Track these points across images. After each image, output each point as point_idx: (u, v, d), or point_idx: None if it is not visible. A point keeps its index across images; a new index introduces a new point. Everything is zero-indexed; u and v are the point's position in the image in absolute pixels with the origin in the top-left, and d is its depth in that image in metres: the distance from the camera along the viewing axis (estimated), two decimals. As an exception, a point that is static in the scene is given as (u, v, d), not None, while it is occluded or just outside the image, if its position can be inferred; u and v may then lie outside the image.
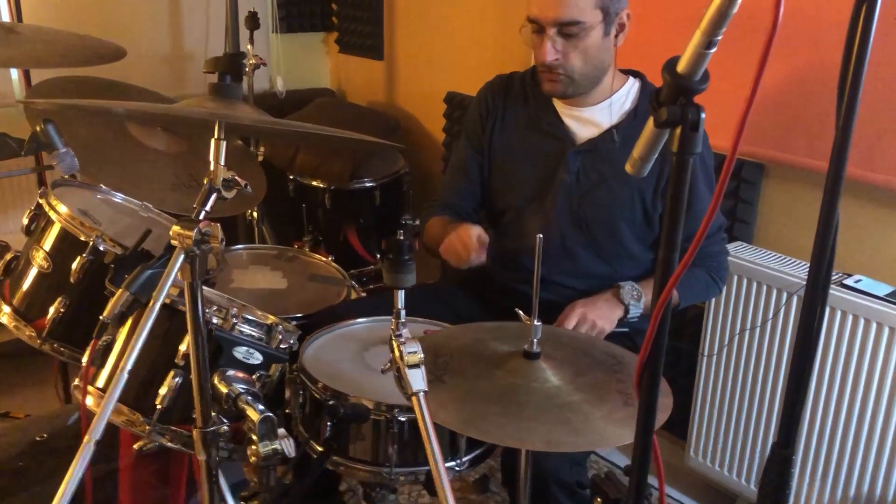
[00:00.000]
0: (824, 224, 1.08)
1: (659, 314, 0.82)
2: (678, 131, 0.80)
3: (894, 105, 1.95)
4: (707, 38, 0.78)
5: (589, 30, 1.76)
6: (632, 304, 1.85)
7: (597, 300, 1.85)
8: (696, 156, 0.83)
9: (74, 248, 1.65)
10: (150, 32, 3.22)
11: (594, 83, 1.87)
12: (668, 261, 0.83)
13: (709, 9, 0.77)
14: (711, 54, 0.79)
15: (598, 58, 1.82)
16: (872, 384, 1.98)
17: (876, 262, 2.10)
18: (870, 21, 0.91)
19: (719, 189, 0.84)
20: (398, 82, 3.51)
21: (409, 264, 1.16)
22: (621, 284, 1.87)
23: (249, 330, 1.47)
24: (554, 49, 1.78)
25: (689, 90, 0.80)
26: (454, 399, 1.28)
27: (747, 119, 0.81)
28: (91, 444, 1.03)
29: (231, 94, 1.14)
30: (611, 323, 1.82)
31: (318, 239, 3.04)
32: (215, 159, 1.15)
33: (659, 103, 0.81)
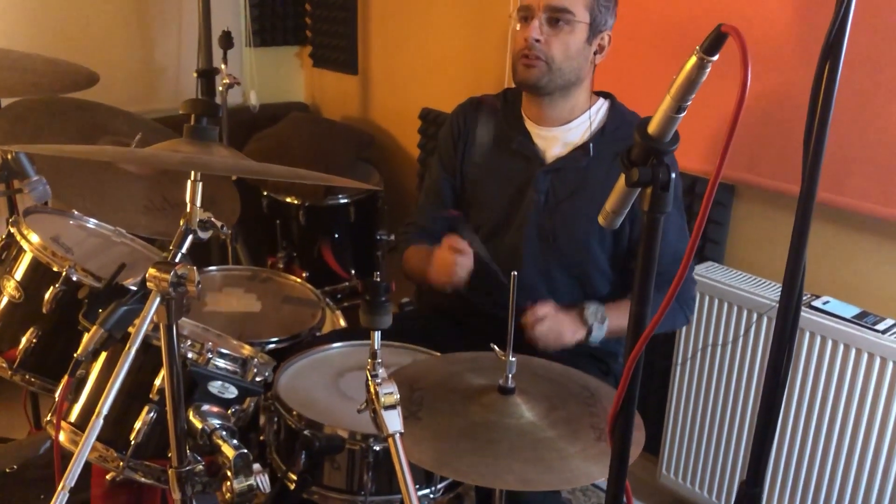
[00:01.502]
0: (794, 262, 1.10)
1: (631, 367, 0.83)
2: (649, 191, 0.81)
3: (861, 130, 1.99)
4: (677, 104, 0.79)
5: (575, 24, 1.81)
6: (595, 325, 1.86)
7: (565, 315, 1.86)
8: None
9: (47, 278, 1.63)
10: (120, 46, 3.19)
11: (567, 86, 1.88)
12: (640, 315, 0.85)
13: (678, 76, 0.79)
14: (681, 118, 0.81)
15: (576, 59, 1.84)
16: (839, 406, 2.02)
17: (844, 284, 2.14)
18: (834, 74, 0.93)
19: (698, 226, 0.84)
20: (372, 97, 3.51)
21: (385, 306, 1.17)
22: (587, 305, 1.88)
23: (224, 364, 1.47)
24: (539, 30, 1.81)
25: (659, 151, 0.81)
26: (428, 436, 1.29)
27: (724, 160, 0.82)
28: (65, 493, 1.03)
29: (207, 137, 1.14)
30: (562, 344, 1.83)
31: (293, 255, 3.04)
32: (191, 201, 1.15)
33: (631, 162, 0.82)
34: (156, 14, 3.25)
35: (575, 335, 1.83)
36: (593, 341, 1.87)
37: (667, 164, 0.83)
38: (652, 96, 2.37)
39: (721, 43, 0.79)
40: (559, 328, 1.81)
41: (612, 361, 2.02)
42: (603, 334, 1.87)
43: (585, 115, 1.92)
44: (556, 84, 1.87)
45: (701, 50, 0.80)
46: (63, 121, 2.14)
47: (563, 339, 1.81)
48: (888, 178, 1.99)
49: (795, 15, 2.07)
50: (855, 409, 2.00)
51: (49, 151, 1.35)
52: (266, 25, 3.57)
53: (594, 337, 1.86)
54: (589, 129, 1.91)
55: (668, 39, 2.36)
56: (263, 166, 1.20)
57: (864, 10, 0.83)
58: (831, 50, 0.87)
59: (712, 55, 0.80)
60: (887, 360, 1.93)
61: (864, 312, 2.05)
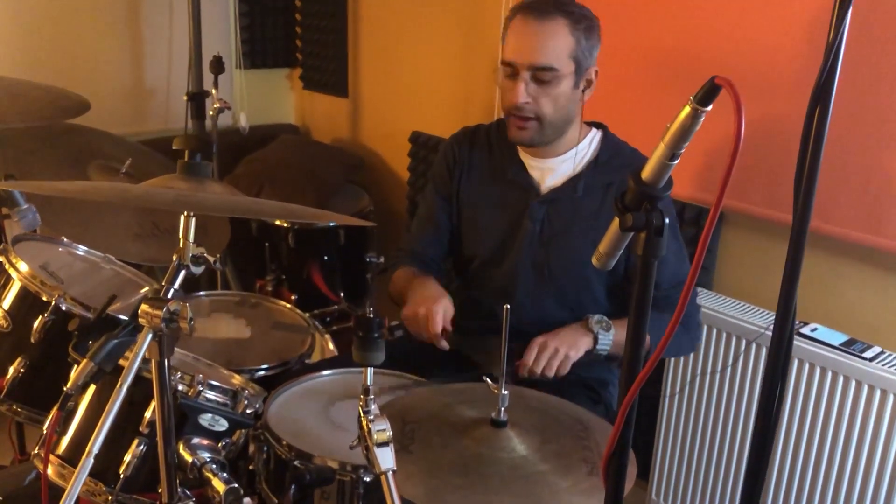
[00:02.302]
0: (787, 294, 1.10)
1: (626, 410, 0.83)
2: (643, 235, 0.82)
3: (849, 160, 2.02)
4: (671, 151, 0.80)
5: (561, 78, 1.80)
6: (600, 332, 1.82)
7: (559, 330, 1.83)
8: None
9: (35, 307, 1.63)
10: (110, 68, 3.19)
11: (560, 133, 1.90)
12: (634, 357, 0.85)
13: (672, 124, 0.80)
14: (675, 164, 0.81)
15: (566, 107, 1.86)
16: (828, 433, 2.03)
17: (832, 311, 2.15)
18: (824, 118, 0.94)
19: (699, 255, 0.84)
20: (363, 120, 3.52)
21: (378, 342, 1.17)
22: (590, 316, 1.85)
23: (215, 396, 1.46)
24: (526, 92, 1.82)
25: (653, 197, 0.82)
26: (420, 471, 1.29)
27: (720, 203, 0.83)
28: (55, 534, 1.02)
29: (201, 173, 1.14)
30: (576, 349, 1.79)
31: (282, 278, 3.03)
32: (184, 236, 1.15)
33: (625, 207, 0.83)
34: (146, 35, 3.25)
35: (580, 347, 1.79)
36: (601, 349, 1.82)
37: (660, 210, 0.84)
38: (642, 123, 2.39)
39: (715, 94, 0.79)
40: (560, 349, 1.77)
41: (603, 390, 2.02)
42: (610, 342, 1.83)
43: (579, 147, 1.93)
44: (550, 136, 1.89)
45: (695, 100, 0.81)
46: (53, 146, 2.14)
47: (570, 357, 1.77)
48: (874, 208, 2.01)
49: (786, 43, 2.09)
50: (843, 437, 2.00)
51: (43, 191, 1.34)
52: (256, 48, 3.58)
53: (601, 345, 1.82)
54: (583, 160, 1.92)
55: (658, 67, 2.39)
56: (256, 203, 1.20)
57: (848, 42, 0.84)
58: (821, 94, 0.88)
59: (706, 106, 0.81)
60: (875, 388, 1.94)
61: (852, 340, 2.06)
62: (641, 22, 2.39)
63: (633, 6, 2.39)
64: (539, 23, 1.79)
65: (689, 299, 2.02)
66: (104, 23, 3.13)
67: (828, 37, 0.86)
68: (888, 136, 1.96)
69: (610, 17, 1.96)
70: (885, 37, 1.92)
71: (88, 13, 3.08)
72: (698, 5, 2.26)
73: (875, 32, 1.93)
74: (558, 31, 1.78)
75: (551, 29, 1.78)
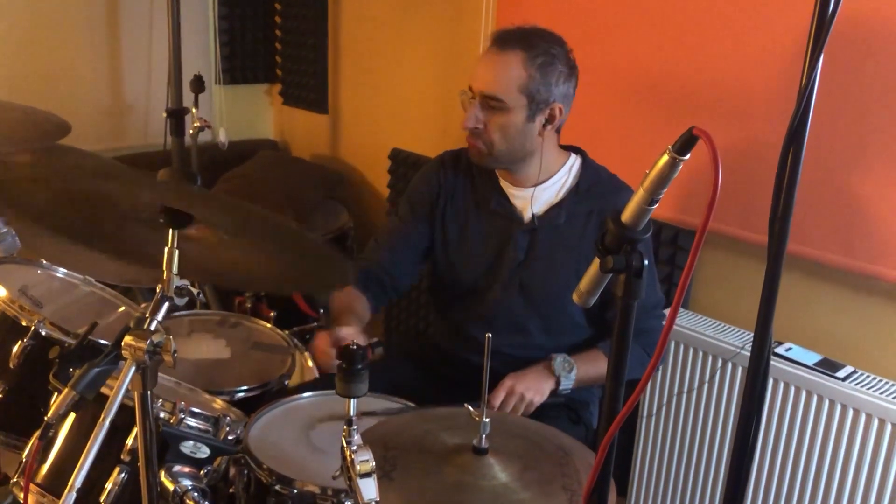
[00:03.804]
0: (763, 324, 1.12)
1: (605, 448, 0.85)
2: (622, 277, 0.84)
3: (823, 184, 2.05)
4: (649, 196, 0.82)
5: (509, 110, 1.83)
6: (563, 375, 1.88)
7: (527, 373, 1.87)
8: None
9: (14, 332, 1.62)
10: (88, 83, 3.18)
11: (518, 162, 1.92)
12: (614, 394, 0.87)
13: (651, 171, 0.82)
14: (654, 209, 0.83)
15: (517, 139, 1.87)
16: (802, 451, 2.06)
17: (806, 331, 2.19)
18: (797, 159, 0.97)
19: (683, 281, 0.86)
20: (342, 137, 3.53)
21: (362, 374, 1.17)
22: (553, 356, 1.90)
23: (196, 423, 1.46)
24: (475, 116, 1.85)
25: (632, 240, 0.84)
26: (402, 500, 1.29)
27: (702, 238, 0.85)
28: (38, 568, 1.02)
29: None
30: (541, 394, 1.85)
31: (261, 295, 3.02)
32: (168, 267, 1.16)
33: (605, 249, 0.85)
34: (125, 50, 3.24)
35: (544, 392, 1.85)
36: (563, 390, 1.89)
37: (640, 252, 0.86)
38: (619, 147, 2.41)
39: (692, 144, 0.82)
40: (526, 395, 1.83)
41: (583, 410, 2.04)
42: (571, 382, 1.89)
43: (559, 175, 1.95)
44: (502, 161, 1.92)
45: (673, 150, 0.83)
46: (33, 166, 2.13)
47: (535, 403, 1.83)
48: (848, 231, 2.05)
49: (763, 68, 2.13)
50: (817, 456, 2.04)
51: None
52: (236, 63, 3.58)
53: (563, 387, 1.88)
54: (564, 187, 1.95)
55: (635, 92, 2.42)
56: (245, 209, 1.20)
57: (822, 68, 0.86)
58: (794, 137, 0.90)
59: (684, 155, 0.83)
60: (847, 407, 1.98)
61: (826, 359, 2.10)
62: (619, 48, 2.42)
63: (610, 32, 2.43)
64: (496, 53, 1.84)
65: (657, 321, 2.04)
66: (82, 37, 3.12)
67: (800, 82, 0.89)
68: (862, 161, 2.01)
69: (587, 42, 1.99)
70: (858, 64, 1.97)
71: (67, 28, 3.07)
72: (675, 33, 2.30)
73: (848, 59, 1.97)
74: (511, 63, 1.81)
75: (504, 61, 1.82)
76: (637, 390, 0.83)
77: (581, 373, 1.89)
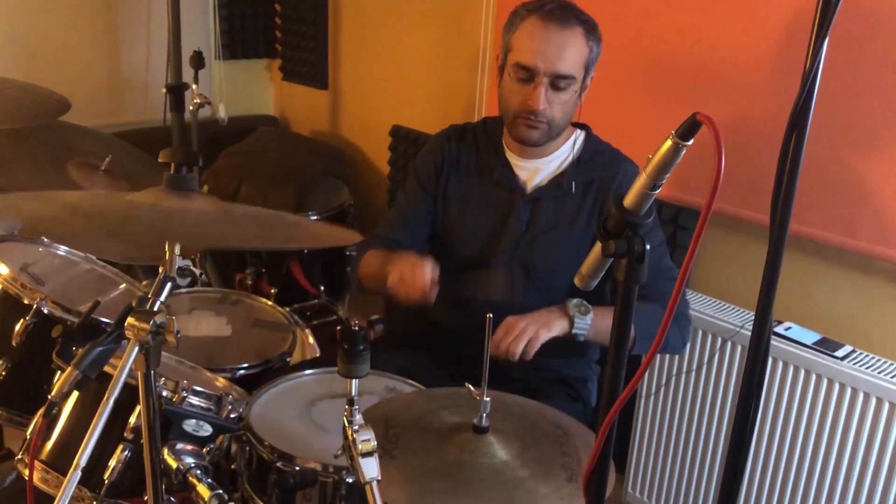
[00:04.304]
0: (765, 296, 1.12)
1: (605, 430, 0.86)
2: (624, 261, 0.84)
3: (823, 164, 2.05)
4: (652, 182, 0.82)
5: (574, 85, 1.84)
6: (577, 316, 1.80)
7: (534, 312, 1.82)
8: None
9: (17, 310, 1.62)
10: (88, 59, 3.16)
11: (560, 135, 1.93)
12: (614, 379, 0.88)
13: (654, 157, 0.82)
14: (656, 194, 0.83)
15: (570, 112, 1.90)
16: (800, 429, 2.08)
17: (805, 310, 2.20)
18: (800, 143, 0.97)
19: (689, 257, 0.85)
20: (342, 113, 3.52)
21: (363, 354, 1.18)
22: (569, 299, 1.83)
23: (199, 402, 1.47)
24: (545, 98, 1.84)
25: (634, 224, 0.84)
26: (403, 477, 1.30)
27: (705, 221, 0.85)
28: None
29: (187, 187, 1.14)
30: (548, 329, 1.76)
31: (261, 271, 3.03)
32: (170, 249, 1.16)
33: (607, 233, 0.85)
34: (124, 25, 3.22)
35: (552, 327, 1.77)
36: (577, 332, 1.80)
37: (641, 237, 0.86)
38: (622, 124, 2.40)
39: (695, 130, 0.81)
40: (529, 327, 1.75)
41: (582, 387, 2.05)
42: (587, 325, 1.80)
43: (564, 147, 1.95)
44: (553, 137, 1.92)
45: (676, 135, 0.83)
46: (32, 144, 2.13)
47: (539, 337, 1.75)
48: (848, 211, 2.05)
49: (764, 45, 2.12)
50: (815, 434, 2.06)
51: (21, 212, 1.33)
52: (235, 38, 3.55)
53: (578, 328, 1.80)
54: (567, 160, 1.95)
55: (637, 69, 2.41)
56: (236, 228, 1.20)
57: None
58: (797, 120, 0.90)
59: (687, 140, 0.83)
60: (846, 386, 1.99)
61: (825, 339, 2.11)
62: (621, 24, 2.40)
63: (613, 10, 2.41)
64: (561, 31, 1.81)
65: (671, 283, 2.01)
66: (81, 13, 3.09)
67: (804, 65, 0.89)
68: (862, 141, 2.00)
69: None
70: (859, 43, 1.96)
71: (66, 4, 3.04)
72: (679, 9, 2.28)
73: (849, 38, 1.96)
74: (577, 40, 1.82)
75: (572, 38, 1.81)
76: (637, 374, 0.83)
77: (598, 317, 1.81)
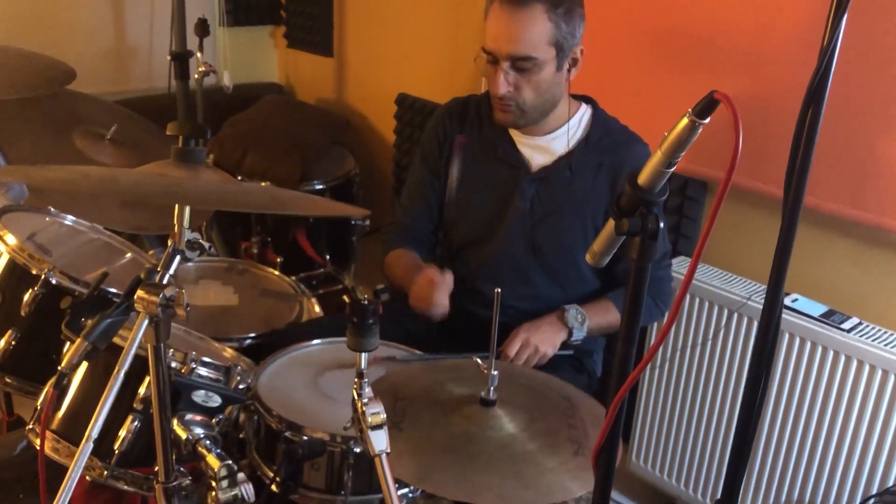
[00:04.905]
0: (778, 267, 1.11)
1: (616, 407, 0.86)
2: (637, 239, 0.84)
3: (832, 135, 2.03)
4: (667, 160, 0.82)
5: (542, 65, 1.79)
6: (576, 327, 1.90)
7: (540, 324, 1.89)
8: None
9: (25, 280, 1.63)
10: (91, 27, 3.13)
11: (545, 115, 1.90)
12: (625, 356, 0.88)
13: (669, 134, 0.81)
14: (671, 172, 0.83)
15: (549, 91, 1.85)
16: (805, 401, 2.08)
17: (812, 282, 2.19)
18: (816, 119, 0.96)
19: (705, 233, 0.86)
20: (348, 80, 3.49)
21: (373, 328, 1.18)
22: (566, 308, 1.91)
23: (208, 373, 1.48)
24: (506, 82, 1.81)
25: (648, 202, 0.84)
26: (410, 449, 1.32)
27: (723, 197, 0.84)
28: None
29: (195, 159, 1.14)
30: (553, 346, 1.87)
31: (267, 240, 3.03)
32: (179, 222, 1.15)
33: (620, 211, 0.84)
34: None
35: (556, 345, 1.87)
36: (574, 342, 1.91)
37: (655, 214, 0.85)
38: (631, 97, 2.38)
39: (713, 108, 0.81)
40: (540, 348, 1.84)
41: (587, 359, 2.06)
42: (583, 335, 1.92)
43: (569, 124, 1.93)
44: (534, 118, 1.89)
45: (693, 113, 0.82)
46: (37, 111, 2.11)
47: (547, 355, 1.85)
48: (856, 182, 2.04)
49: (777, 19, 2.09)
50: (819, 406, 2.06)
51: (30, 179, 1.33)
52: (240, 4, 3.51)
53: (575, 338, 1.90)
54: (573, 138, 1.93)
55: (649, 41, 2.38)
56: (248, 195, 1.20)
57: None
58: (814, 97, 0.89)
59: (704, 119, 0.82)
60: (852, 359, 1.99)
61: (832, 311, 2.11)
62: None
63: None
64: (515, 11, 1.76)
65: (664, 271, 2.05)
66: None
67: (822, 41, 0.87)
68: (872, 112, 1.98)
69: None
70: (871, 15, 1.93)
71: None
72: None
73: (865, 12, 1.93)
74: (536, 17, 1.75)
75: (528, 16, 1.75)
76: (650, 353, 0.83)
77: (593, 324, 1.92)
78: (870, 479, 2.02)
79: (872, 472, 2.01)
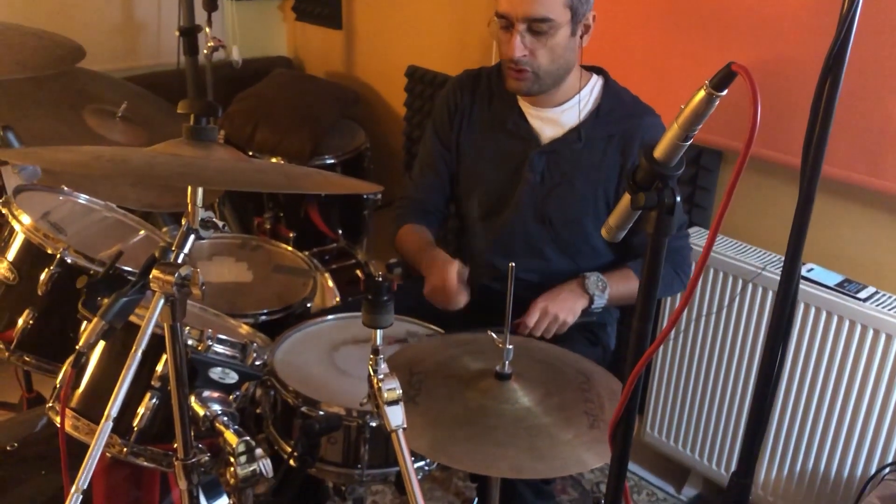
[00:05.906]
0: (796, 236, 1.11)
1: (632, 384, 0.86)
2: (654, 213, 0.83)
3: (850, 103, 2.00)
4: (684, 133, 0.81)
5: (557, 28, 1.78)
6: (596, 294, 1.87)
7: (560, 292, 1.88)
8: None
9: (40, 259, 1.63)
10: (99, 3, 3.11)
11: (558, 82, 1.89)
12: (641, 332, 0.87)
13: (686, 107, 0.80)
14: (687, 146, 0.82)
15: (563, 57, 1.84)
16: (820, 371, 2.08)
17: (827, 251, 2.18)
18: (834, 90, 0.95)
19: (724, 205, 0.85)
20: (357, 53, 3.46)
21: (388, 305, 1.18)
22: (587, 275, 1.89)
23: (224, 349, 1.49)
24: (522, 45, 1.79)
25: (664, 176, 0.83)
26: (425, 423, 1.32)
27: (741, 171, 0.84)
28: (79, 495, 1.05)
29: (207, 137, 1.13)
30: (573, 314, 1.85)
31: (279, 215, 3.03)
32: (192, 201, 1.15)
33: (636, 185, 0.83)
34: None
35: (576, 312, 1.85)
36: (595, 310, 1.89)
37: (672, 188, 0.84)
38: (643, 67, 2.35)
39: (730, 80, 0.79)
40: (559, 315, 1.82)
41: (601, 331, 2.05)
42: (604, 303, 1.89)
43: (580, 96, 1.92)
44: (548, 84, 1.87)
45: (710, 85, 0.81)
46: (47, 90, 2.11)
47: (567, 323, 1.83)
48: (874, 150, 2.01)
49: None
50: (834, 376, 2.06)
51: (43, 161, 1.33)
52: (247, -23, 3.49)
53: (596, 305, 1.88)
54: (584, 109, 1.91)
55: (661, 9, 2.34)
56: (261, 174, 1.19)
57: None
58: (833, 65, 0.88)
59: (721, 91, 0.81)
60: (868, 328, 1.98)
61: (847, 280, 2.10)
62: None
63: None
64: None
65: (682, 240, 2.04)
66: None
67: (841, 8, 0.86)
68: (889, 80, 1.95)
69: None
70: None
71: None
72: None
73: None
74: None
75: None
76: (664, 331, 0.83)
77: (614, 291, 1.89)
78: (885, 449, 2.02)
79: (888, 441, 2.01)
